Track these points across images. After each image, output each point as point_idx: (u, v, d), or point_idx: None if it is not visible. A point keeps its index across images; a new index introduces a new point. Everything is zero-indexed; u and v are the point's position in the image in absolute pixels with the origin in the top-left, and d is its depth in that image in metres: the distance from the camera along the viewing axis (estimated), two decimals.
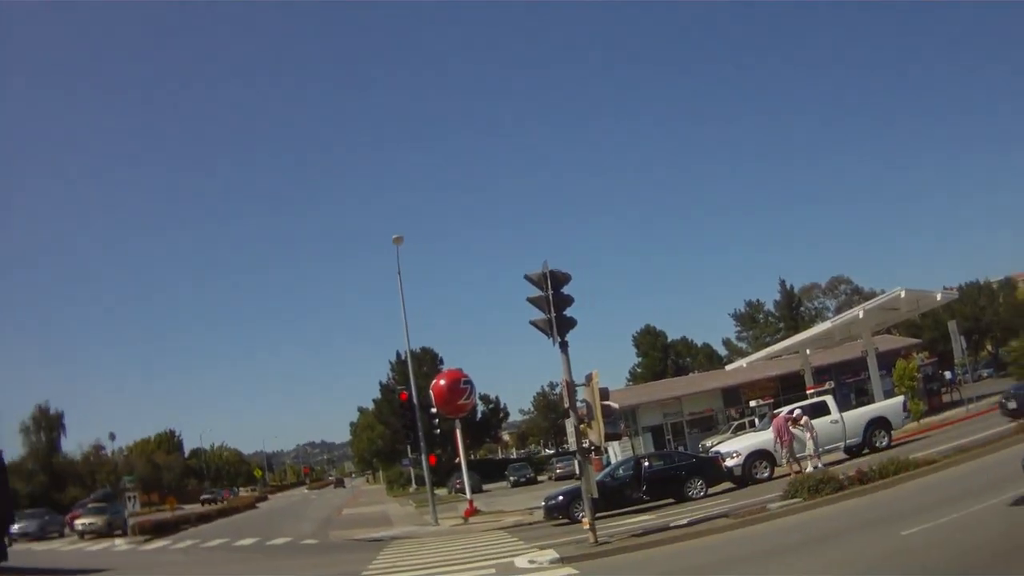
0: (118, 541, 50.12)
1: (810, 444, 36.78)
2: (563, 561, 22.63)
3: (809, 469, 34.07)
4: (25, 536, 58.72)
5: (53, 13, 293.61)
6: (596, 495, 25.90)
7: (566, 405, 25.96)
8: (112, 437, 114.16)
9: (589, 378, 25.40)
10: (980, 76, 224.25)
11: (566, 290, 25.63)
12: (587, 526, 24.70)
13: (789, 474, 34.80)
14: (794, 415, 38.05)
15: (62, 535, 62.29)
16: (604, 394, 25.16)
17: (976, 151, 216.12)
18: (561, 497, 36.92)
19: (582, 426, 25.38)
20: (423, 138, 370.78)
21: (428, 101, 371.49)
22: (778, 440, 36.95)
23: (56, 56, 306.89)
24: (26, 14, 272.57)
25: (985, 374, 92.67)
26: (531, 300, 25.56)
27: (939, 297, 56.91)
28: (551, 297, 25.11)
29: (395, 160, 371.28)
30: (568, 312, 25.43)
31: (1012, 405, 34.69)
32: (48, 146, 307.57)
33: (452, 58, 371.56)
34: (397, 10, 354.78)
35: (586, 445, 25.65)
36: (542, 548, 26.36)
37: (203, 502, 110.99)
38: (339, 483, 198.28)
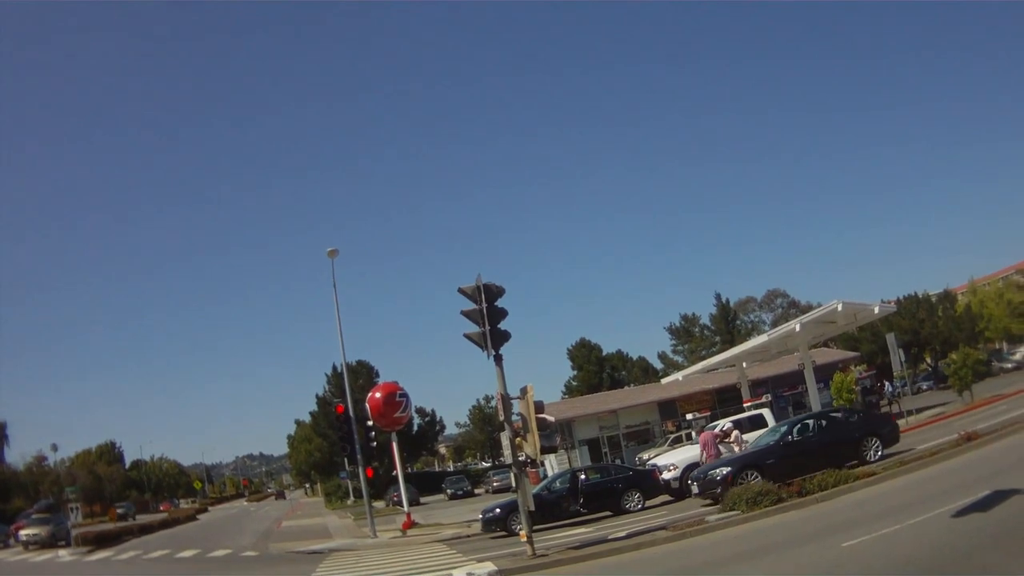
0: (62, 552, 49.98)
1: None
2: (501, 574, 22.44)
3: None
4: None
5: None
6: (533, 508, 25.64)
7: (501, 418, 25.70)
8: (55, 448, 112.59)
9: (524, 391, 25.10)
10: (921, 94, 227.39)
11: (500, 303, 25.35)
12: (525, 539, 24.43)
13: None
14: (724, 429, 38.07)
15: (7, 545, 62.47)
16: (539, 407, 24.88)
17: (913, 167, 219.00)
18: (498, 510, 36.65)
19: (518, 439, 25.10)
20: (357, 153, 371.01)
21: (358, 118, 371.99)
22: (704, 455, 36.91)
23: None
24: None
25: (924, 387, 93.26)
26: (465, 313, 25.24)
27: (877, 310, 56.87)
28: (485, 310, 24.83)
29: (329, 175, 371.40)
30: (502, 325, 25.16)
31: (695, 489, 33.36)
32: None
33: (378, 76, 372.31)
34: (323, 29, 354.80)
35: (522, 458, 25.40)
36: (480, 561, 26.08)
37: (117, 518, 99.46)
38: (280, 495, 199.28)
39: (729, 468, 29.55)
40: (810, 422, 32.76)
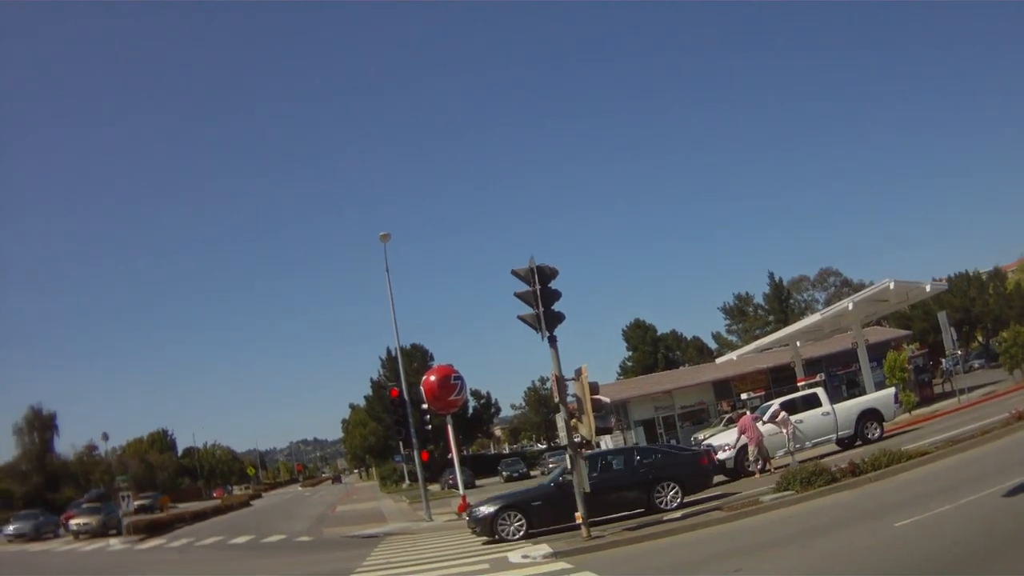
0: (113, 541, 50.31)
1: (789, 441, 36.97)
2: (556, 556, 22.56)
3: (791, 464, 34.17)
4: (20, 537, 59.23)
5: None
6: (588, 490, 25.79)
7: (556, 400, 25.88)
8: (105, 437, 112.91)
9: (579, 372, 25.26)
10: (967, 65, 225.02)
11: (554, 285, 25.46)
12: (580, 520, 24.64)
13: (785, 465, 34.85)
14: (773, 411, 38.29)
15: (57, 535, 62.35)
16: (594, 388, 25.05)
17: (965, 143, 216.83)
18: None
19: (573, 421, 25.27)
20: (411, 137, 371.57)
21: (415, 101, 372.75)
22: (745, 438, 37.15)
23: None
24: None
25: (976, 365, 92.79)
26: (519, 295, 25.35)
27: (928, 288, 56.77)
28: (538, 292, 24.94)
29: (383, 159, 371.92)
30: (556, 307, 25.25)
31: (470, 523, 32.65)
32: (43, 152, 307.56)
33: (437, 58, 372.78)
34: (383, 10, 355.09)
35: (577, 440, 25.57)
36: (535, 543, 26.31)
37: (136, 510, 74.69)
38: (336, 479, 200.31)
39: (492, 509, 28.81)
40: (597, 461, 30.64)
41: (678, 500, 28.42)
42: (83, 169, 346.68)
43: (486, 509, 29.00)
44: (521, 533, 27.87)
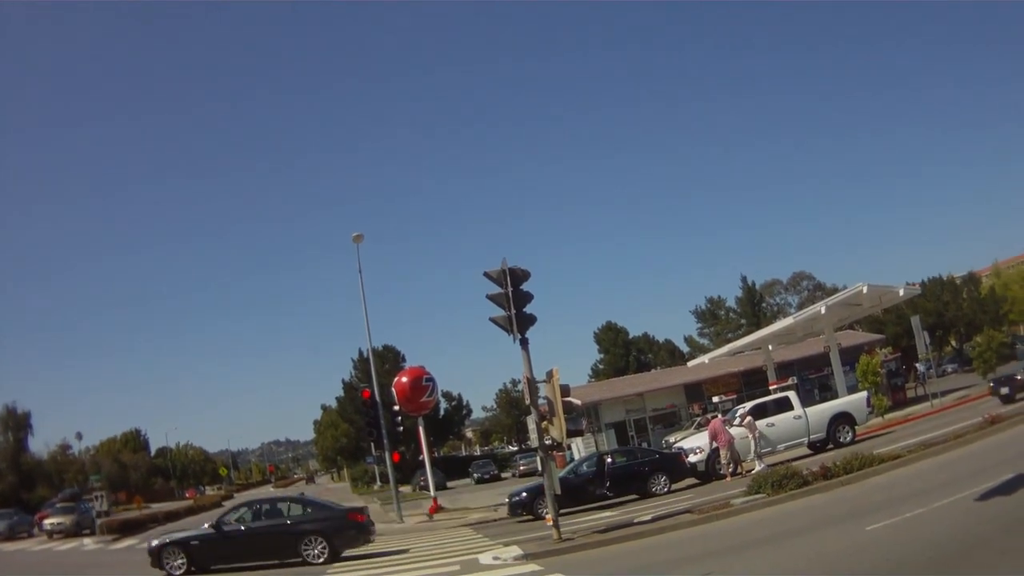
0: (87, 540, 50.02)
1: (752, 444, 37.10)
2: (527, 558, 22.47)
3: (758, 468, 34.23)
4: None
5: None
6: (559, 492, 25.74)
7: (528, 402, 25.76)
8: (79, 437, 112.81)
9: (550, 375, 25.20)
10: (944, 66, 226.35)
11: (526, 287, 25.38)
12: (551, 523, 24.54)
13: (752, 469, 34.95)
14: (740, 415, 38.44)
15: (31, 535, 61.78)
16: (565, 391, 24.98)
17: (940, 147, 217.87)
18: (525, 494, 36.91)
19: (544, 423, 25.19)
20: (382, 136, 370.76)
21: (384, 100, 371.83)
22: (715, 443, 37.33)
23: None
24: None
25: (949, 369, 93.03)
26: (491, 297, 25.28)
27: (902, 292, 56.94)
28: (511, 294, 24.85)
29: (354, 157, 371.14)
30: (528, 309, 25.18)
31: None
32: (13, 149, 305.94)
33: (407, 57, 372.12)
34: (353, 9, 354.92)
35: (548, 442, 25.50)
36: (506, 544, 26.26)
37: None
38: (310, 480, 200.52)
39: (158, 543, 28.78)
40: (254, 506, 30.37)
41: (325, 555, 27.52)
42: (52, 168, 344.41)
43: (155, 542, 29.12)
44: (183, 569, 27.64)
